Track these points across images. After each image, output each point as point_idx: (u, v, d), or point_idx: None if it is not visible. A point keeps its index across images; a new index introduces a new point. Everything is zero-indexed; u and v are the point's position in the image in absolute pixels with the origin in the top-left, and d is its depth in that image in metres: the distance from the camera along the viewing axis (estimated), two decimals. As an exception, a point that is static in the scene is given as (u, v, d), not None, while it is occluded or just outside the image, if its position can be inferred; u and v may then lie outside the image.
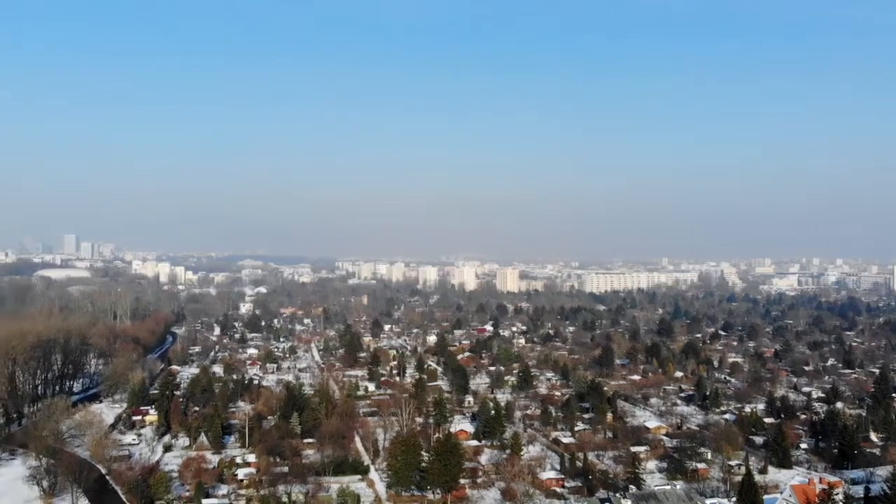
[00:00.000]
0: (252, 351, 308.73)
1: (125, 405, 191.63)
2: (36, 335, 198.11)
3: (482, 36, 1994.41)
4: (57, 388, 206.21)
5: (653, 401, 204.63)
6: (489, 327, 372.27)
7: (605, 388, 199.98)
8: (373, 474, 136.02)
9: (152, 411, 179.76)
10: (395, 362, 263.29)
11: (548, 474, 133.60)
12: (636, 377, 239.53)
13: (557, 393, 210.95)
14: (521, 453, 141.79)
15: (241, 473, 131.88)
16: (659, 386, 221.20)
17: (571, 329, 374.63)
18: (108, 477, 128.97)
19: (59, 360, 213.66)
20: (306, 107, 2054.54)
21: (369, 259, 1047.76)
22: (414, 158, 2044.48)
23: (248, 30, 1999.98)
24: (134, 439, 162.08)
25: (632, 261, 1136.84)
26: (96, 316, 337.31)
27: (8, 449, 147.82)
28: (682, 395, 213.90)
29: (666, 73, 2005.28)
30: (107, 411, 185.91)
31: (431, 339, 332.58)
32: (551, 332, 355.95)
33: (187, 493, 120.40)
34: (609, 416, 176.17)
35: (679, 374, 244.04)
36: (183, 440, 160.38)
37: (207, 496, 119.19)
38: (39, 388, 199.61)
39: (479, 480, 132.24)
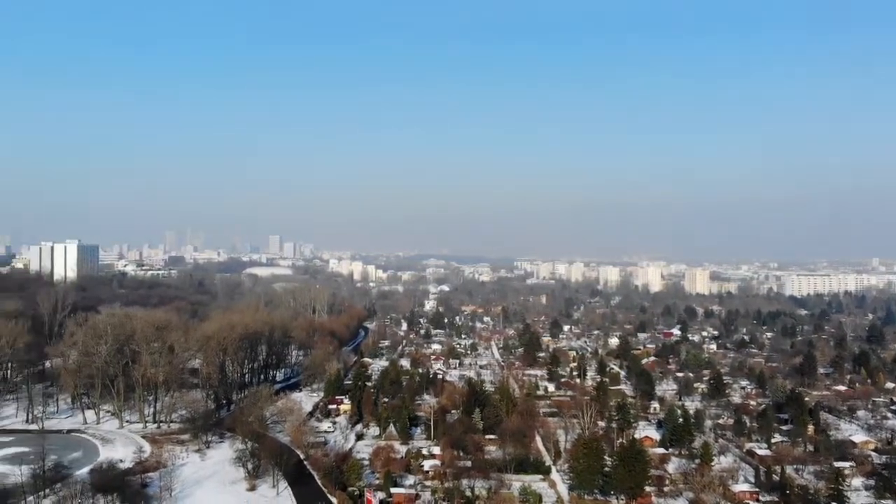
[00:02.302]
0: (436, 346, 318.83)
1: (322, 394, 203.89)
2: (244, 328, 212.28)
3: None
4: (262, 376, 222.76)
5: (860, 413, 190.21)
6: (676, 331, 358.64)
7: (807, 399, 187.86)
8: (554, 475, 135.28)
9: (346, 401, 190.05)
10: (575, 364, 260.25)
11: (741, 487, 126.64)
12: (841, 387, 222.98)
13: (752, 402, 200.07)
14: (712, 463, 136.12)
15: (427, 465, 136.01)
16: (867, 397, 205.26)
17: (769, 335, 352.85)
18: (305, 462, 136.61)
19: (264, 351, 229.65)
20: (485, 115, 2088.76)
21: (547, 259, 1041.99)
22: (589, 161, 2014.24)
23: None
24: (329, 427, 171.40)
25: (838, 261, 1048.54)
26: (297, 310, 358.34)
27: (218, 432, 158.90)
28: (894, 408, 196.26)
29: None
30: (305, 399, 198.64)
31: (613, 341, 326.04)
32: (746, 337, 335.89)
33: (377, 481, 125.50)
34: (810, 428, 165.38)
35: (891, 385, 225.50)
36: (373, 429, 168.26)
37: (395, 485, 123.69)
38: (246, 376, 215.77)
39: (665, 489, 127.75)
